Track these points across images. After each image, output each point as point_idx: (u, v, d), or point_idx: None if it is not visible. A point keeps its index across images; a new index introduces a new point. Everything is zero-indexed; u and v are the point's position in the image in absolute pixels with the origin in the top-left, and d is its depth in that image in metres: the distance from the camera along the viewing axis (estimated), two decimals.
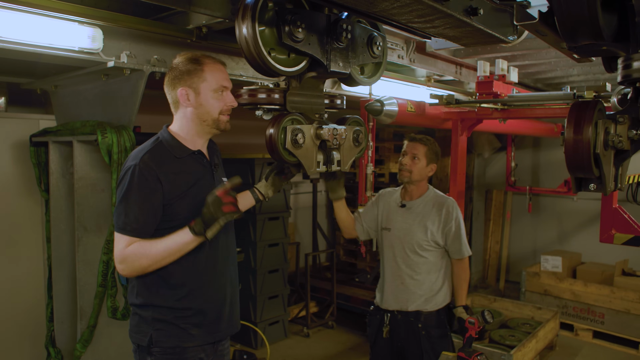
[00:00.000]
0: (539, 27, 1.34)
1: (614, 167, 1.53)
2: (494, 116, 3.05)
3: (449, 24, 1.85)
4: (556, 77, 4.76)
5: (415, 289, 2.72)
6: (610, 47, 1.37)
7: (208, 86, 1.89)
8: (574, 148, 1.41)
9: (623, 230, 2.58)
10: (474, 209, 6.83)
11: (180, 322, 1.88)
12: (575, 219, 6.47)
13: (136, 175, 1.80)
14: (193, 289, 1.90)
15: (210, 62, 1.92)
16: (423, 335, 2.71)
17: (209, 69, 1.90)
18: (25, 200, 3.58)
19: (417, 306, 2.72)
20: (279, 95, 2.10)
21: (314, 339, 5.16)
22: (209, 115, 1.92)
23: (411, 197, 2.83)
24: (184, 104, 1.90)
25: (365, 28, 2.22)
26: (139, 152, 1.87)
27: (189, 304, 1.89)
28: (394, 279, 2.78)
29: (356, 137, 2.32)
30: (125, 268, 1.81)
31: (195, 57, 1.90)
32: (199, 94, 1.89)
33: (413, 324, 2.71)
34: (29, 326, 3.62)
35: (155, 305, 1.87)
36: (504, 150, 6.55)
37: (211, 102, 1.91)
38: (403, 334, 2.74)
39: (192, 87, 1.88)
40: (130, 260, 1.79)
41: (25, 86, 3.26)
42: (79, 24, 2.15)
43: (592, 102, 1.42)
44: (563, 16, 1.19)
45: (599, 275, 5.49)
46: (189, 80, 1.87)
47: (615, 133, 1.43)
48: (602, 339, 5.14)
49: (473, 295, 5.48)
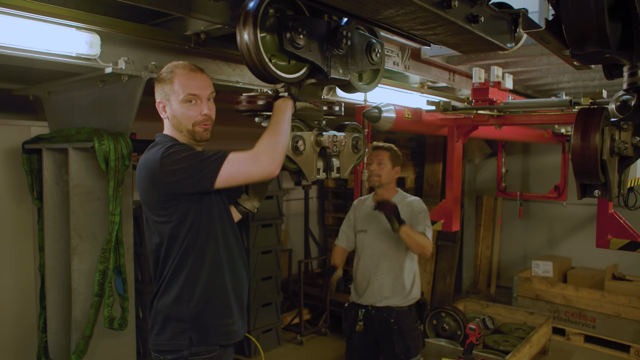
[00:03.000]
0: (544, 35, 1.35)
1: (617, 173, 1.55)
2: (489, 123, 3.07)
3: (451, 31, 1.87)
4: (547, 84, 4.82)
5: (388, 285, 2.96)
6: (614, 55, 1.39)
7: (176, 97, 1.84)
8: (582, 155, 1.42)
9: (619, 236, 2.61)
10: (464, 214, 6.86)
11: (213, 328, 1.86)
12: (565, 224, 6.54)
13: (177, 148, 1.77)
14: (221, 296, 1.90)
15: (181, 72, 1.85)
16: (395, 329, 2.94)
17: (179, 79, 1.84)
18: (15, 208, 3.52)
19: (389, 302, 2.96)
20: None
21: (307, 346, 5.13)
22: (183, 126, 1.87)
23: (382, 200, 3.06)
24: (161, 115, 1.90)
25: (364, 35, 2.23)
26: (162, 144, 1.81)
27: (220, 311, 1.89)
28: (368, 277, 3.01)
29: (355, 144, 2.32)
30: (273, 156, 1.76)
31: (171, 67, 1.87)
32: (170, 106, 1.86)
33: (386, 319, 2.96)
34: (18, 337, 3.56)
35: (188, 316, 1.84)
36: (494, 156, 6.61)
37: (181, 113, 1.85)
38: (377, 328, 2.99)
39: (166, 98, 1.86)
40: (263, 150, 1.76)
41: (18, 92, 3.21)
42: (76, 29, 2.13)
43: (598, 109, 1.44)
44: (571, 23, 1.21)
45: (589, 280, 5.55)
46: (162, 91, 1.86)
47: (620, 139, 1.45)
48: (594, 343, 5.19)
49: (465, 301, 5.50)
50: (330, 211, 6.67)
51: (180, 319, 1.83)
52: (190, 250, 1.83)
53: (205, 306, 1.85)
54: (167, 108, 1.87)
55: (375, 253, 3.01)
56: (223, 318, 1.89)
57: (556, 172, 6.00)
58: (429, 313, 4.72)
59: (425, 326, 4.68)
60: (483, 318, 2.50)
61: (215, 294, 1.88)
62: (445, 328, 4.57)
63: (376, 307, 2.98)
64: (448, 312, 4.58)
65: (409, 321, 2.98)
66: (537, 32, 1.34)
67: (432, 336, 4.62)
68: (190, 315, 1.83)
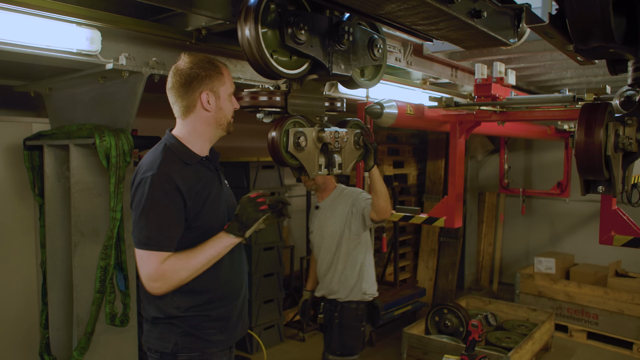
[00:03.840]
0: (548, 30, 1.33)
1: (622, 169, 1.54)
2: (492, 119, 3.06)
3: (453, 26, 1.85)
4: (549, 80, 4.79)
5: (335, 280, 3.04)
6: (619, 49, 1.37)
7: (226, 90, 1.91)
8: (585, 150, 1.41)
9: (622, 232, 2.60)
10: (467, 211, 6.86)
11: (205, 329, 1.86)
12: (567, 221, 6.52)
13: (155, 186, 1.73)
14: (216, 295, 1.89)
15: (224, 66, 1.95)
16: (336, 323, 3.04)
17: (227, 73, 1.93)
18: (17, 205, 3.52)
19: (336, 296, 3.06)
20: (280, 98, 2.08)
21: (309, 343, 5.14)
22: (226, 118, 1.93)
23: (322, 198, 3.19)
24: (204, 107, 1.87)
25: (365, 31, 2.21)
26: (153, 161, 1.80)
27: (214, 310, 1.88)
28: (323, 273, 3.11)
29: (357, 140, 2.31)
30: (161, 285, 1.73)
31: (211, 60, 1.91)
32: (219, 98, 1.89)
33: (332, 312, 3.08)
34: (20, 333, 3.56)
35: (178, 316, 1.84)
36: (496, 152, 6.59)
37: (228, 106, 1.93)
38: (326, 320, 3.14)
39: (213, 91, 1.87)
40: (168, 276, 1.72)
41: (19, 89, 3.21)
42: (77, 25, 2.12)
43: (602, 104, 1.42)
44: (575, 18, 1.19)
45: (592, 277, 5.54)
46: (211, 84, 1.86)
47: (625, 135, 1.43)
48: (596, 339, 5.17)
49: (468, 298, 5.49)
50: None
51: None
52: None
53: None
54: (213, 101, 1.87)
55: (323, 250, 3.11)
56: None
57: (559, 169, 5.98)
58: (431, 309, 4.72)
59: (427, 323, 4.68)
60: (485, 315, 2.49)
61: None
62: (448, 325, 4.56)
63: (327, 300, 3.12)
64: (450, 309, 4.58)
65: (352, 319, 3.04)
66: (540, 27, 1.32)
67: (435, 333, 4.62)
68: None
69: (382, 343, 5.11)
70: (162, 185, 1.74)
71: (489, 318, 2.47)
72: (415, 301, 5.66)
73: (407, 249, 6.54)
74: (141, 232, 1.73)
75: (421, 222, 3.37)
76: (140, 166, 1.84)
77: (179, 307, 1.83)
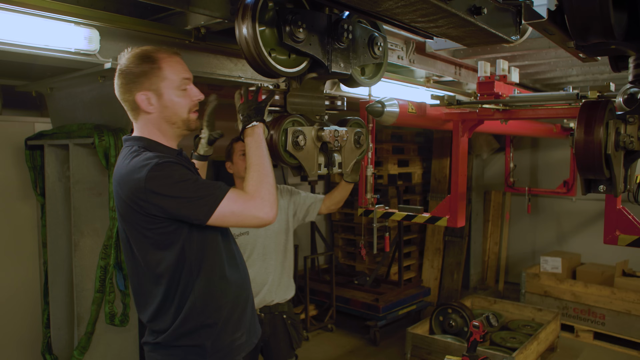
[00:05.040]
0: (547, 26, 1.30)
1: (624, 168, 1.50)
2: (495, 117, 3.02)
3: (453, 23, 1.82)
4: (555, 78, 4.74)
5: (274, 282, 2.86)
6: (620, 46, 1.34)
7: (170, 84, 1.68)
8: (585, 149, 1.38)
9: (627, 232, 2.56)
10: (472, 210, 6.81)
11: (229, 337, 1.78)
12: (574, 220, 6.46)
13: (164, 165, 1.55)
14: (234, 303, 1.81)
15: (165, 56, 1.70)
16: (289, 323, 2.91)
17: (167, 65, 1.68)
18: (21, 204, 3.53)
19: (279, 299, 2.87)
20: (279, 97, 2.07)
21: (313, 342, 5.12)
22: (178, 116, 1.71)
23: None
24: (146, 109, 1.69)
25: (366, 28, 2.19)
26: (144, 162, 1.57)
27: (233, 317, 1.80)
28: (261, 280, 2.85)
29: (357, 139, 2.29)
30: (269, 201, 1.63)
31: (147, 55, 1.69)
32: (161, 96, 1.68)
33: (278, 317, 2.88)
34: (25, 333, 3.58)
35: (205, 325, 1.73)
36: (502, 151, 6.53)
37: (177, 102, 1.70)
38: (269, 330, 2.85)
39: (152, 90, 1.67)
40: (262, 191, 1.64)
41: (20, 89, 3.21)
42: (75, 24, 2.11)
43: (602, 102, 1.39)
44: (574, 13, 1.16)
45: (599, 276, 5.48)
46: (147, 82, 1.66)
47: (626, 133, 1.40)
48: (603, 340, 5.12)
49: (473, 297, 5.45)
50: None
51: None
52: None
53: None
54: (155, 100, 1.68)
55: (261, 252, 2.87)
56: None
57: (565, 167, 5.92)
58: (436, 309, 4.69)
59: (431, 322, 4.65)
60: (487, 315, 2.46)
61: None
62: (452, 324, 4.53)
63: (267, 307, 2.86)
64: (454, 309, 4.54)
65: (293, 313, 2.99)
66: (539, 23, 1.29)
67: (439, 333, 4.59)
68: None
69: (386, 343, 5.09)
70: (172, 165, 1.58)
71: (491, 319, 2.44)
72: (420, 300, 5.63)
73: (412, 248, 6.51)
74: (206, 187, 1.57)
75: (424, 221, 3.34)
76: (128, 173, 1.60)
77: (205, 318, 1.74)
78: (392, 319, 5.24)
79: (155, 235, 1.63)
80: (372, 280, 5.63)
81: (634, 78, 1.33)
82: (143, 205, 1.57)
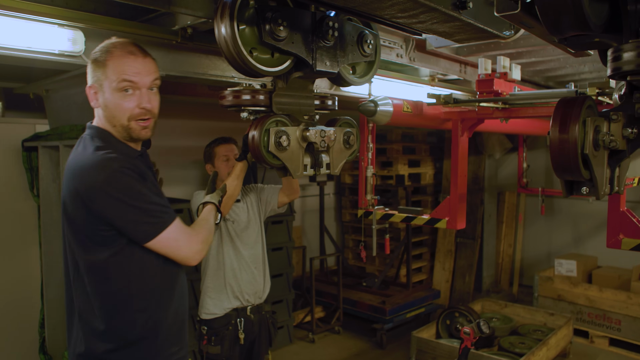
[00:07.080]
0: (523, 18, 1.23)
1: (609, 168, 1.41)
2: (494, 115, 2.92)
3: (436, 18, 1.75)
4: (567, 75, 4.61)
5: (260, 280, 2.87)
6: (601, 38, 1.26)
7: (109, 83, 1.57)
8: (560, 148, 1.29)
9: (631, 235, 2.44)
10: (485, 211, 6.67)
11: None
12: (591, 222, 6.27)
13: (124, 174, 1.51)
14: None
15: (118, 52, 1.57)
16: (271, 322, 2.96)
17: (112, 62, 1.55)
18: (21, 205, 3.56)
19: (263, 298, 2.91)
20: (264, 97, 2.03)
21: (319, 344, 5.07)
22: (116, 120, 1.59)
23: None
24: (91, 102, 1.61)
25: (355, 26, 2.13)
26: (106, 163, 1.51)
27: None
28: (249, 278, 2.86)
29: (347, 139, 2.22)
30: (205, 247, 1.73)
31: (105, 47, 1.59)
32: (103, 93, 1.58)
33: (264, 316, 2.90)
34: (24, 332, 3.60)
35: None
36: (515, 151, 6.38)
37: (115, 104, 1.58)
38: (256, 329, 2.86)
39: (98, 84, 1.58)
40: (202, 236, 1.76)
41: (18, 91, 3.24)
42: (58, 26, 2.09)
43: (579, 98, 1.30)
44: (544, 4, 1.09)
45: (615, 280, 5.29)
46: (95, 74, 1.58)
47: (608, 132, 1.31)
48: (619, 346, 4.95)
49: (484, 301, 5.32)
50: (347, 208, 6.58)
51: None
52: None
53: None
54: (99, 96, 1.59)
55: (247, 254, 2.85)
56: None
57: None
58: (442, 312, 4.59)
59: (438, 326, 4.55)
60: (478, 322, 2.38)
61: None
62: (459, 328, 4.42)
63: (256, 307, 2.85)
64: (462, 312, 4.44)
65: (272, 311, 3.04)
66: (513, 15, 1.22)
67: (445, 336, 4.49)
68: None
69: (392, 346, 5.01)
70: (130, 170, 1.54)
71: (481, 325, 2.36)
72: (429, 303, 5.53)
73: (424, 250, 6.40)
74: (149, 218, 1.54)
75: (423, 223, 3.26)
76: (81, 166, 1.55)
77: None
78: (400, 321, 5.15)
79: (91, 232, 1.57)
80: (380, 282, 5.55)
81: (612, 72, 1.24)
82: (89, 205, 1.53)
